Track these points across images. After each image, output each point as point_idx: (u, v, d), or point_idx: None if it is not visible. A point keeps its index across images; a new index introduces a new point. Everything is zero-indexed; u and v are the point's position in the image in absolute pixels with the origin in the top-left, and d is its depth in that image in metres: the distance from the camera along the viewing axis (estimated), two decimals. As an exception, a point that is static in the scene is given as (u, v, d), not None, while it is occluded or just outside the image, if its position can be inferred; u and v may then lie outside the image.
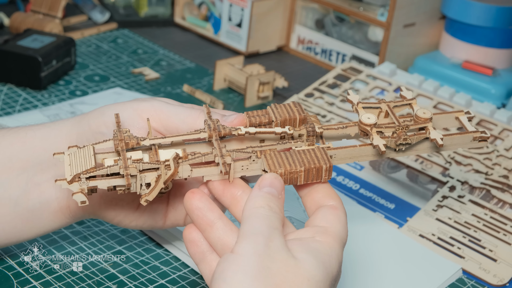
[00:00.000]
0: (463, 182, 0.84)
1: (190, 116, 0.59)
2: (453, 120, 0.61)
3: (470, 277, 0.73)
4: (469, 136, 0.59)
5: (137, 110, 0.59)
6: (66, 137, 0.61)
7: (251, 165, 0.55)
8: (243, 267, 0.48)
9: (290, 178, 0.54)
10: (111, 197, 0.62)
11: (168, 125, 0.59)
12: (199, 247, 0.55)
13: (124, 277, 0.68)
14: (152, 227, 0.65)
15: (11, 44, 1.03)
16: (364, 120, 0.57)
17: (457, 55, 1.14)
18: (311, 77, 1.14)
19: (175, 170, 0.54)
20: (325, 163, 0.55)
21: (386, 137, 0.57)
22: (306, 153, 0.56)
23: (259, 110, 0.60)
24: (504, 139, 0.90)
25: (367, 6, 1.16)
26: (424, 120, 0.58)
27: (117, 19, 1.31)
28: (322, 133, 0.58)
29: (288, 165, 0.54)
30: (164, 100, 0.61)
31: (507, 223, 0.79)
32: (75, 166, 0.55)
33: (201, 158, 0.55)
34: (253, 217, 0.51)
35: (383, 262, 0.72)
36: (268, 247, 0.49)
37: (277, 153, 0.55)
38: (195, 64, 1.18)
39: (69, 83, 1.07)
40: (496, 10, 1.09)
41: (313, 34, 1.24)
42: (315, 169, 0.54)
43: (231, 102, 1.06)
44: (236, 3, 1.20)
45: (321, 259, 0.50)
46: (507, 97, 1.08)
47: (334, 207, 0.54)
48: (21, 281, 0.66)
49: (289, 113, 0.59)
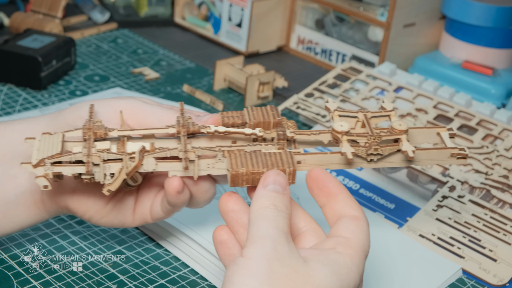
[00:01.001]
0: (463, 182, 0.84)
1: (166, 116, 0.59)
2: (435, 136, 0.60)
3: (470, 277, 0.73)
4: (447, 152, 0.58)
5: (114, 107, 0.60)
6: (43, 130, 0.61)
7: (217, 164, 0.56)
8: (251, 271, 0.48)
9: (252, 178, 0.54)
10: (83, 191, 0.62)
11: (144, 124, 0.60)
12: (229, 249, 0.55)
13: (124, 277, 0.68)
14: (122, 223, 0.65)
15: (11, 44, 1.03)
16: (336, 127, 0.57)
17: (457, 55, 1.14)
18: (311, 77, 1.14)
19: (139, 163, 0.55)
20: (289, 167, 0.54)
21: (358, 146, 0.56)
22: (272, 155, 0.55)
23: (234, 111, 0.60)
24: (504, 139, 0.90)
25: (367, 6, 1.16)
26: (399, 132, 0.57)
27: (117, 19, 1.31)
28: (295, 138, 0.58)
29: (251, 165, 0.54)
30: (142, 99, 0.62)
31: (507, 223, 0.79)
32: (42, 151, 0.56)
33: (166, 152, 0.56)
34: (259, 219, 0.51)
35: (383, 262, 0.72)
36: (277, 251, 0.49)
37: (243, 154, 0.55)
38: (195, 64, 1.18)
39: (69, 83, 1.07)
40: (496, 10, 1.09)
41: (313, 34, 1.24)
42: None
43: (231, 102, 1.06)
44: (236, 3, 1.20)
45: (337, 271, 0.49)
46: (507, 97, 1.08)
47: (356, 217, 0.54)
48: (21, 281, 0.66)
49: (264, 116, 0.59)
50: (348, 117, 0.59)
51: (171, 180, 0.57)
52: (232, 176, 0.54)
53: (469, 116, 0.95)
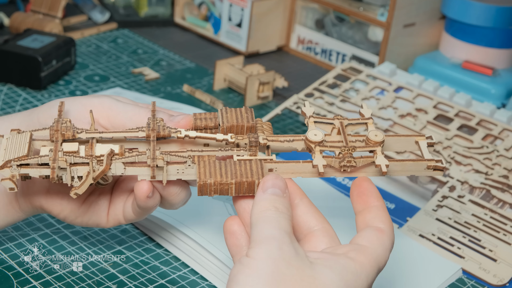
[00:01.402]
0: (463, 182, 0.84)
1: (138, 115, 0.59)
2: (413, 144, 0.58)
3: (470, 277, 0.73)
4: (423, 164, 0.56)
5: (86, 105, 0.59)
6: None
7: (187, 169, 0.55)
8: (256, 271, 0.47)
9: (220, 189, 0.53)
10: (57, 191, 0.62)
11: (116, 123, 0.59)
12: (238, 240, 0.55)
13: (124, 277, 0.68)
14: (97, 224, 0.64)
15: (11, 44, 1.03)
16: (310, 136, 0.55)
17: (457, 55, 1.14)
18: (311, 77, 1.14)
19: (106, 167, 0.54)
20: (258, 178, 0.53)
21: (331, 157, 0.55)
22: (242, 165, 0.54)
23: (208, 113, 0.59)
24: (504, 139, 0.90)
25: (367, 6, 1.16)
26: (374, 144, 0.55)
27: (117, 19, 1.31)
28: (268, 145, 0.57)
29: (220, 176, 0.53)
30: (115, 98, 0.61)
31: (507, 223, 0.79)
32: (9, 151, 0.55)
33: (134, 158, 0.55)
34: (261, 222, 0.51)
35: (383, 262, 0.72)
36: (282, 251, 0.48)
37: (212, 162, 0.54)
38: (195, 64, 1.18)
39: (69, 83, 1.07)
40: (496, 10, 1.09)
41: (313, 34, 1.24)
42: (247, 183, 0.53)
43: (231, 102, 1.06)
44: (236, 3, 1.20)
45: (344, 277, 0.49)
46: (507, 97, 1.08)
47: (381, 230, 0.53)
48: (21, 281, 0.66)
49: (238, 119, 0.58)
50: (323, 124, 0.57)
51: (140, 184, 0.57)
52: (200, 186, 0.53)
53: (469, 116, 0.95)
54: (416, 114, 0.94)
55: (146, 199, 0.58)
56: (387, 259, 0.53)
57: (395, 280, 0.71)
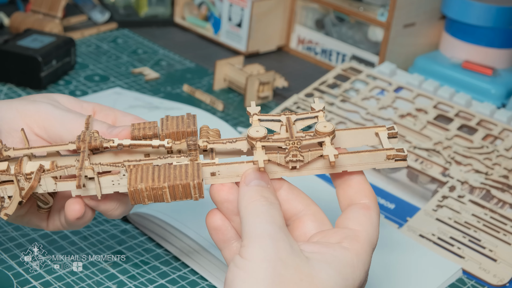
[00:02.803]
0: (463, 182, 0.84)
1: (76, 125, 0.56)
2: (374, 136, 0.54)
3: (470, 277, 0.73)
4: (382, 154, 0.51)
5: (21, 113, 0.56)
6: None
7: (122, 180, 0.52)
8: (253, 275, 0.46)
9: (154, 194, 0.50)
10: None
11: (52, 133, 0.56)
12: (224, 234, 0.53)
13: (124, 277, 0.68)
14: (38, 226, 0.60)
15: (11, 44, 1.03)
16: (251, 133, 0.51)
17: (457, 55, 1.14)
18: (311, 77, 1.14)
19: (34, 183, 0.51)
20: (193, 180, 0.50)
21: (274, 153, 0.51)
22: (177, 168, 0.51)
23: (147, 122, 0.56)
24: (504, 139, 0.90)
25: (367, 6, 1.16)
26: (322, 134, 0.51)
27: (117, 19, 1.31)
28: (212, 148, 0.54)
29: (151, 180, 0.50)
30: (54, 104, 0.58)
31: (507, 223, 0.79)
32: None
33: (64, 171, 0.52)
34: (253, 215, 0.49)
35: (383, 262, 0.72)
36: (278, 250, 0.47)
37: (146, 168, 0.51)
38: (195, 64, 1.18)
39: (69, 83, 1.07)
40: (496, 10, 1.09)
41: (313, 34, 1.24)
42: (181, 186, 0.50)
43: (231, 102, 1.06)
44: (236, 3, 1.20)
45: (341, 270, 0.48)
46: (507, 97, 1.08)
47: (367, 206, 0.51)
48: (21, 281, 0.66)
49: (179, 125, 0.55)
50: (270, 121, 0.54)
51: (71, 205, 0.54)
52: (131, 193, 0.50)
53: (469, 116, 0.95)
54: (416, 114, 0.94)
55: (76, 221, 0.55)
56: (378, 235, 0.52)
57: (395, 280, 0.71)
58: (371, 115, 0.95)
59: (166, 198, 0.51)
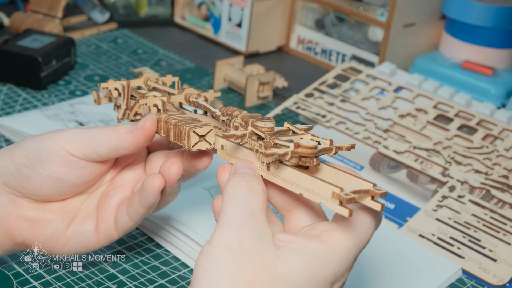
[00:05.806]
0: (463, 182, 0.84)
1: (105, 137, 0.59)
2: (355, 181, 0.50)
3: (470, 277, 0.73)
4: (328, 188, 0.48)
5: (56, 140, 0.59)
6: None
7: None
8: (214, 264, 0.46)
9: (165, 128, 0.57)
10: (38, 221, 0.61)
11: (87, 150, 0.59)
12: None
13: (124, 277, 0.68)
14: (86, 247, 0.62)
15: (11, 44, 1.03)
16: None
17: (457, 55, 1.14)
18: (311, 77, 1.14)
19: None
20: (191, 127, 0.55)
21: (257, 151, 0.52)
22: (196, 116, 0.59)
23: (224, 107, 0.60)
24: (504, 139, 0.90)
25: (367, 6, 1.16)
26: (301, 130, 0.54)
27: (117, 19, 1.31)
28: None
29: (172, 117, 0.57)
30: (79, 127, 0.61)
31: (507, 223, 0.79)
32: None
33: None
34: (229, 199, 0.49)
35: (383, 262, 0.72)
36: (242, 237, 0.46)
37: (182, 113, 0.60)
38: (195, 64, 1.18)
39: (69, 83, 1.07)
40: (496, 10, 1.09)
41: (313, 34, 1.24)
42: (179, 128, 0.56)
43: (231, 102, 1.06)
44: (236, 3, 1.20)
45: (310, 263, 0.47)
46: (507, 97, 1.08)
47: (366, 206, 0.49)
48: (21, 281, 0.66)
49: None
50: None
51: (172, 164, 0.58)
52: (157, 120, 0.58)
53: (469, 116, 0.95)
54: (416, 114, 0.94)
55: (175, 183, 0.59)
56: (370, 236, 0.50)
57: (395, 280, 0.71)
58: (371, 115, 0.95)
59: (172, 136, 0.57)
